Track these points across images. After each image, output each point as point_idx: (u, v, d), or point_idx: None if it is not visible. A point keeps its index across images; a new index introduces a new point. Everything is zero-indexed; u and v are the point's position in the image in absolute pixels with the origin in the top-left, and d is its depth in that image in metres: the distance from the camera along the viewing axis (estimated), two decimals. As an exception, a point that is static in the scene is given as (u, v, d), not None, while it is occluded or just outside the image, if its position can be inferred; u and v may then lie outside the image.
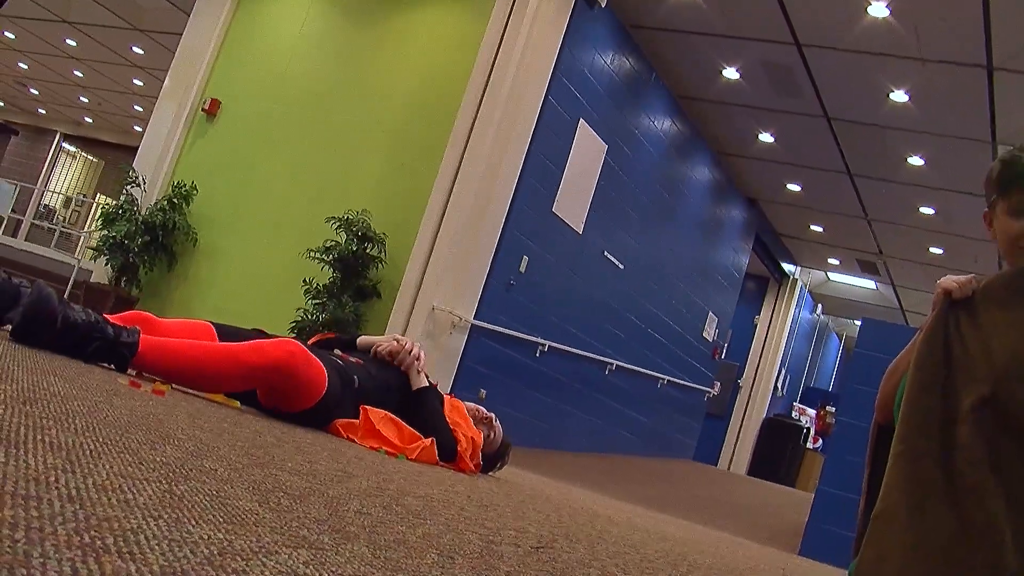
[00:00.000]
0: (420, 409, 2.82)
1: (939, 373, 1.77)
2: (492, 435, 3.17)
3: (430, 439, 2.71)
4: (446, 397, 3.01)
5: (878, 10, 6.30)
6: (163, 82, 8.67)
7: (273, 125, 7.63)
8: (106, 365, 2.23)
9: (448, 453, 2.78)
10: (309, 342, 3.06)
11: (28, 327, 2.08)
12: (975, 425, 1.67)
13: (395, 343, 2.95)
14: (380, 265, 6.69)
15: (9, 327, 2.31)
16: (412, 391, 2.87)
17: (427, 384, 2.90)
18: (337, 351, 2.99)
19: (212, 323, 2.70)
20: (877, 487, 1.80)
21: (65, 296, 8.45)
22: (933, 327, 1.84)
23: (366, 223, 6.61)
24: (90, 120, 17.93)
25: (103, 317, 2.27)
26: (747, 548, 3.98)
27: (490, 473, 3.21)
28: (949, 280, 2.02)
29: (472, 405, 3.19)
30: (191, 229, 7.50)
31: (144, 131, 8.77)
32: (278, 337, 2.67)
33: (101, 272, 7.72)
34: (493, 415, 3.21)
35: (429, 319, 6.46)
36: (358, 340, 3.04)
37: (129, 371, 2.29)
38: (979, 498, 1.63)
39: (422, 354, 2.98)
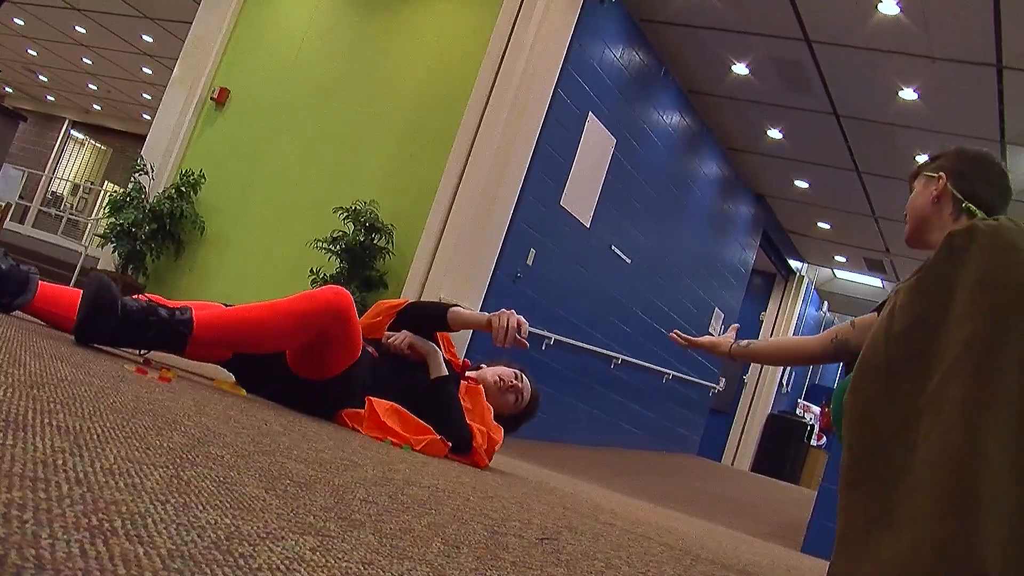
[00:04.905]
0: (438, 398, 2.74)
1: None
2: (520, 399, 3.06)
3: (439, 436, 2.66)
4: (463, 385, 2.89)
5: (888, 7, 6.27)
6: (172, 70, 8.68)
7: (282, 114, 7.62)
8: (165, 352, 2.25)
9: (463, 448, 2.73)
10: (392, 306, 2.91)
11: (91, 318, 2.05)
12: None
13: (505, 317, 2.75)
14: (387, 256, 6.69)
15: (18, 312, 2.32)
16: (430, 380, 2.77)
17: (446, 373, 2.80)
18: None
19: (224, 305, 2.70)
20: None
21: (71, 283, 8.48)
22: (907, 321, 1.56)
23: (374, 214, 6.61)
24: (98, 107, 17.95)
25: (153, 299, 2.27)
26: (750, 544, 3.98)
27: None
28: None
29: (494, 373, 3.04)
30: (198, 218, 7.51)
31: (152, 119, 8.78)
32: None
33: (108, 259, 7.73)
34: (518, 377, 3.06)
35: (435, 311, 6.46)
36: (451, 314, 2.84)
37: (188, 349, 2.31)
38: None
39: (518, 323, 2.76)
